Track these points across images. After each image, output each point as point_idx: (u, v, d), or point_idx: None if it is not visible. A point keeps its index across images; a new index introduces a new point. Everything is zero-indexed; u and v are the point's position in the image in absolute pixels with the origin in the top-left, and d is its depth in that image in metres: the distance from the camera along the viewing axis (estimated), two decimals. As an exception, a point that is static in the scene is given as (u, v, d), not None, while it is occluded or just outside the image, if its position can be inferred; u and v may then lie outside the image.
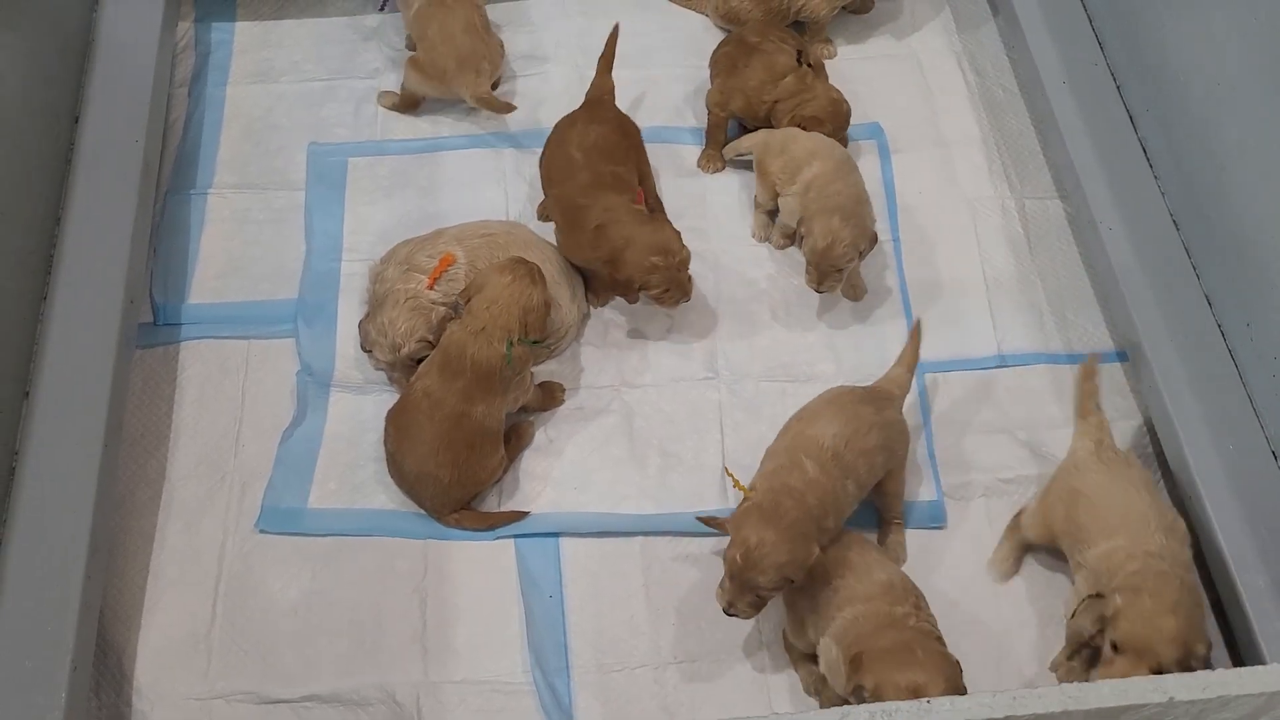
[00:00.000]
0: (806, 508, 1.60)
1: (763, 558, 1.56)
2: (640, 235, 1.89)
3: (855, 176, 2.04)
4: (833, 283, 1.97)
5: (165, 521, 1.87)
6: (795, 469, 1.65)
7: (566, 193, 1.98)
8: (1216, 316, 1.85)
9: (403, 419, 1.83)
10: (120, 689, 1.72)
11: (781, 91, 2.14)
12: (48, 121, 2.00)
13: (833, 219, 1.92)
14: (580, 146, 2.00)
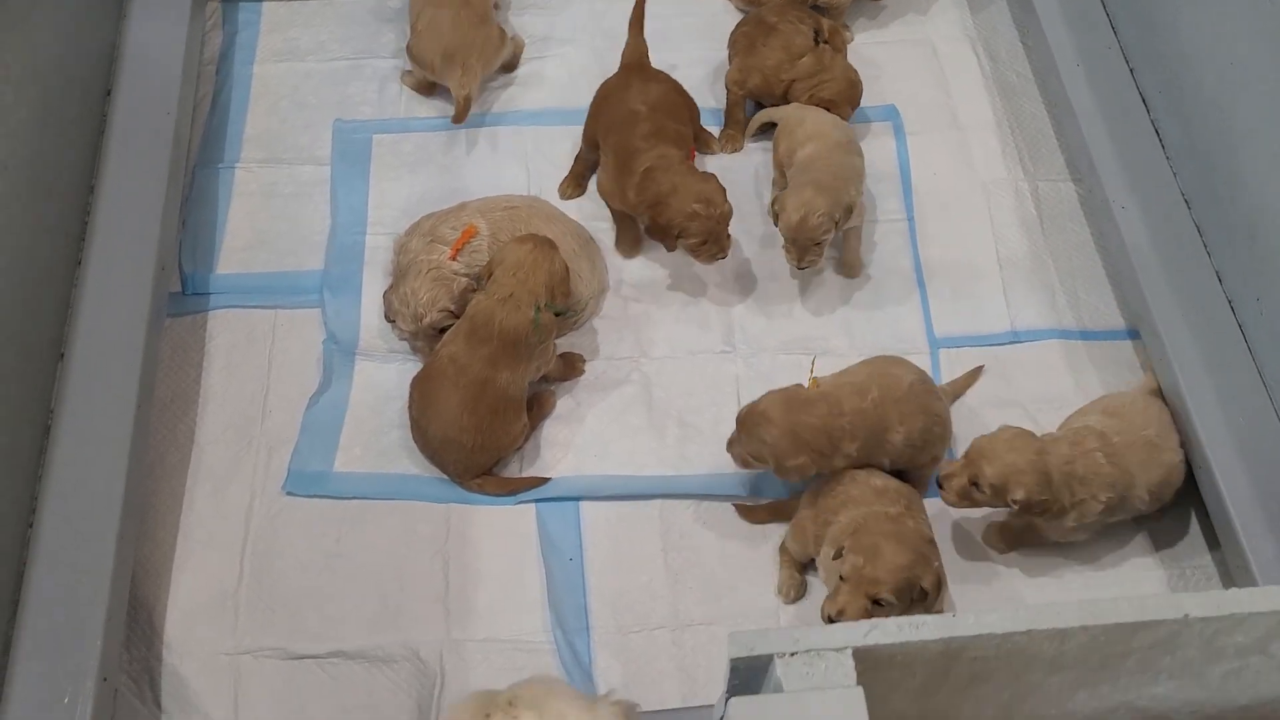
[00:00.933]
0: (835, 422, 1.70)
1: (755, 426, 1.71)
2: (686, 183, 1.95)
3: (846, 157, 2.05)
4: (813, 257, 1.98)
5: (194, 484, 1.91)
6: (858, 391, 1.75)
7: (625, 140, 2.03)
8: (1227, 293, 1.88)
9: (428, 385, 1.86)
10: (151, 644, 1.76)
11: (799, 71, 2.18)
12: (81, 94, 2.04)
13: (805, 191, 1.94)
14: (644, 101, 2.06)
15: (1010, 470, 1.65)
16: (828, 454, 1.72)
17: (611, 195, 2.07)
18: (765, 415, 1.71)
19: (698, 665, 1.76)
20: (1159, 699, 1.08)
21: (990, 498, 1.68)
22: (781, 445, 1.70)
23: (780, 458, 1.70)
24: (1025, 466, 1.65)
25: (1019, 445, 1.68)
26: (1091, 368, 2.03)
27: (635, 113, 2.05)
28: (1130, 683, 1.01)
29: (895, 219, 2.21)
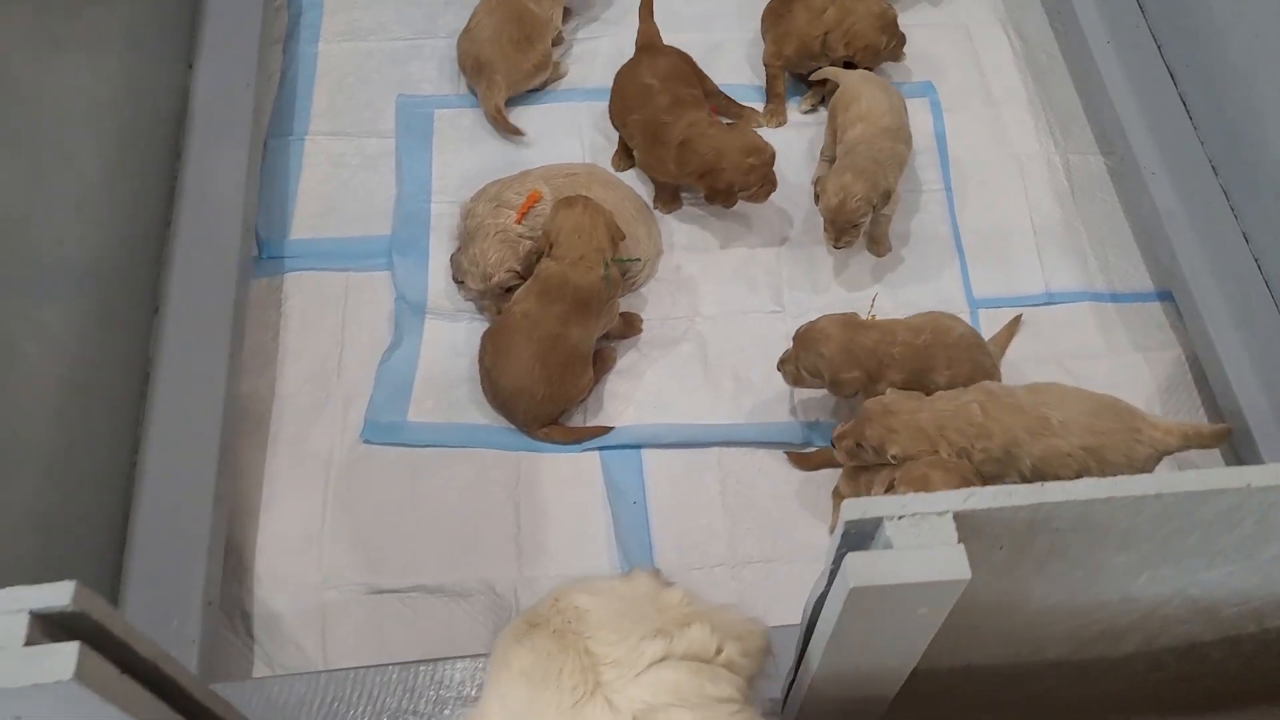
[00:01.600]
0: (886, 349, 1.84)
1: (813, 342, 1.85)
2: (729, 142, 2.07)
3: (891, 143, 2.14)
4: (850, 238, 2.08)
5: (276, 433, 2.02)
6: (911, 329, 1.87)
7: (648, 115, 2.15)
8: (1254, 252, 2.00)
9: (501, 339, 1.97)
10: (243, 579, 1.87)
11: (828, 22, 2.29)
12: (166, 67, 2.15)
13: (845, 176, 2.04)
14: (654, 75, 2.18)
15: (886, 431, 1.75)
16: (875, 377, 1.84)
17: (652, 169, 2.19)
18: (824, 331, 1.85)
19: (756, 598, 1.86)
20: (1212, 586, 1.19)
21: (873, 457, 1.77)
22: (837, 360, 1.83)
23: (835, 371, 1.83)
24: (900, 425, 1.75)
25: (913, 406, 1.77)
26: (1121, 327, 2.15)
27: (649, 87, 2.16)
28: (1189, 565, 1.12)
29: (934, 189, 2.32)
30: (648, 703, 1.03)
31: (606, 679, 1.04)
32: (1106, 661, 1.37)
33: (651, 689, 1.04)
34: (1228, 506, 1.00)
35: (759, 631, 1.14)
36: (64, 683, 0.89)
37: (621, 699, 1.03)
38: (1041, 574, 1.10)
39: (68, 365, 1.60)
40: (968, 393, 1.80)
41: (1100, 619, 1.25)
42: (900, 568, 0.93)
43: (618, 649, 1.06)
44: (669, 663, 1.05)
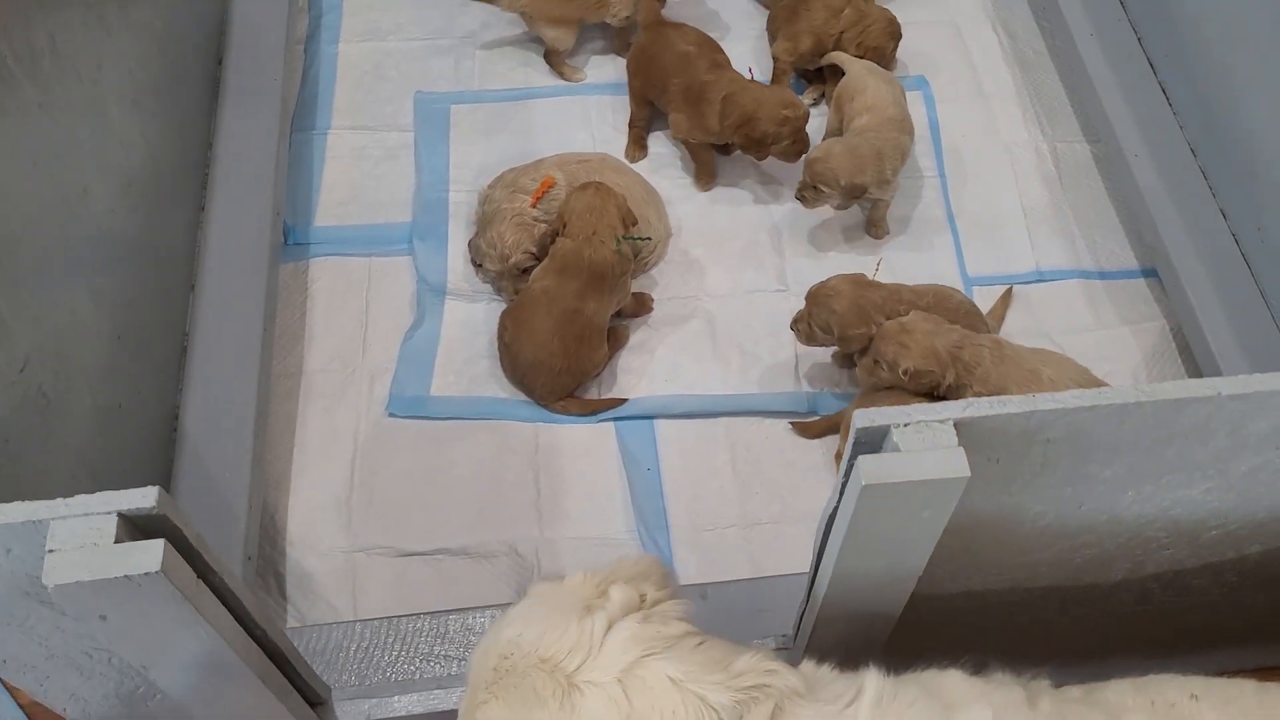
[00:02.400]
0: (894, 307, 1.96)
1: (826, 299, 1.97)
2: (768, 96, 2.21)
3: (896, 134, 2.25)
4: (808, 194, 2.19)
5: (305, 406, 2.11)
6: (915, 293, 2.00)
7: (690, 78, 2.27)
8: (1231, 228, 2.11)
9: (521, 314, 2.07)
10: (276, 541, 1.96)
11: (845, 23, 2.41)
12: (198, 61, 2.26)
13: (838, 145, 2.17)
14: (688, 43, 2.31)
15: (900, 347, 1.87)
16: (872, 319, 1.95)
17: (692, 131, 2.29)
18: (835, 289, 1.97)
19: (766, 557, 1.95)
20: (1192, 506, 1.29)
21: (888, 374, 1.89)
22: (848, 316, 1.94)
23: (844, 326, 1.94)
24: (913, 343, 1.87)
25: (929, 329, 1.89)
26: (1108, 302, 2.25)
27: (686, 54, 2.29)
28: (1171, 481, 1.22)
29: (929, 176, 2.43)
30: (622, 667, 1.07)
31: (574, 670, 1.07)
32: (1097, 591, 1.47)
33: (618, 654, 1.08)
34: (1204, 417, 1.10)
35: (650, 560, 1.22)
36: (151, 575, 0.99)
37: (598, 675, 1.06)
38: (1035, 489, 1.20)
39: (117, 330, 1.69)
40: (982, 337, 1.91)
41: (1089, 542, 1.34)
42: (907, 468, 1.03)
43: (566, 641, 1.08)
44: (616, 628, 1.10)
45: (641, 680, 1.06)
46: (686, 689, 1.05)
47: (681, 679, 1.06)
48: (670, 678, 1.06)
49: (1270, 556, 1.44)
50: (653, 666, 1.07)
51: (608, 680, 1.06)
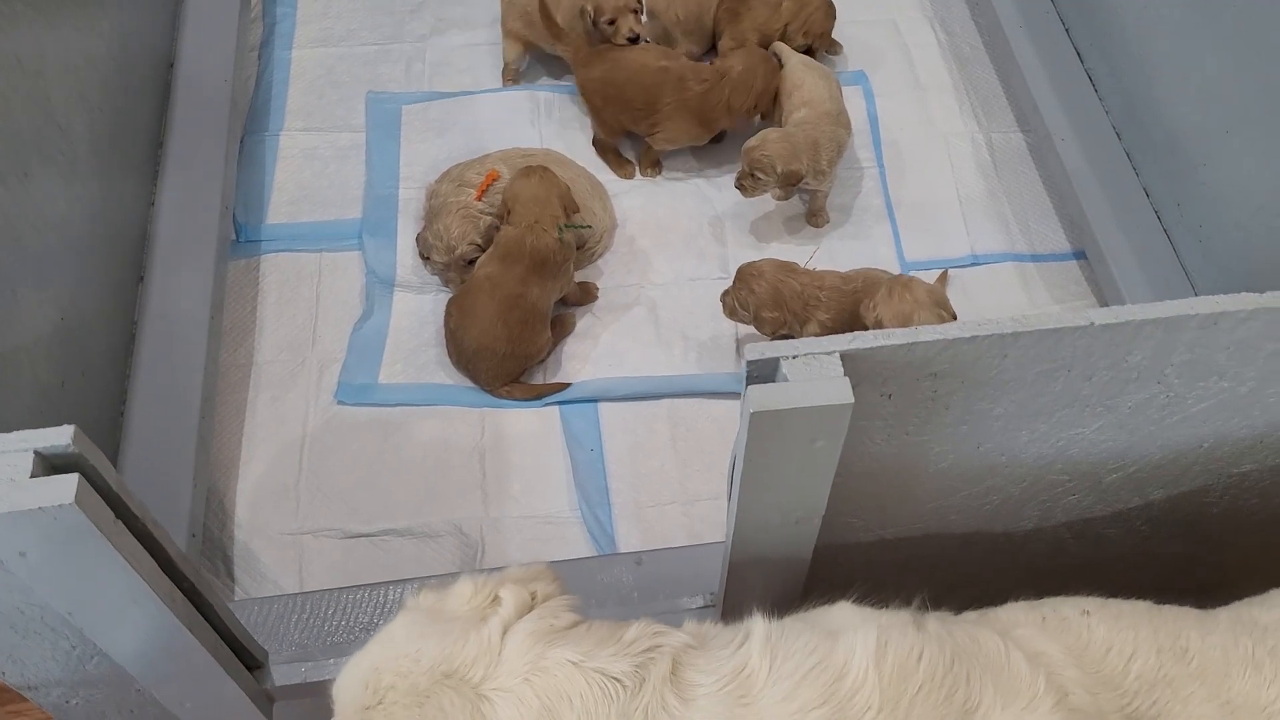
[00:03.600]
0: (814, 292, 2.05)
1: (749, 277, 2.06)
2: (748, 61, 2.38)
3: (832, 128, 2.31)
4: (747, 183, 2.24)
5: (255, 396, 2.15)
6: (843, 278, 2.10)
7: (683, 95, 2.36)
8: (1154, 205, 2.18)
9: (466, 301, 2.12)
10: (224, 526, 1.99)
11: (786, 15, 2.48)
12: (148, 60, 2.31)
13: (774, 133, 2.24)
14: (658, 58, 2.40)
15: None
16: (801, 318, 2.02)
17: (688, 138, 2.39)
18: (759, 269, 2.04)
19: (706, 530, 2.00)
20: (1088, 446, 1.34)
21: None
22: (764, 298, 2.01)
23: (758, 307, 2.02)
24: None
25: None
26: (1041, 284, 2.31)
27: (665, 69, 2.35)
28: (1061, 418, 1.27)
29: (869, 167, 2.50)
30: (528, 664, 1.08)
31: (480, 680, 1.07)
32: (1012, 541, 1.51)
33: (520, 656, 1.09)
34: (1083, 348, 1.16)
35: (539, 568, 1.23)
36: (66, 507, 1.03)
37: (505, 680, 1.07)
38: (932, 428, 1.25)
39: (61, 312, 1.73)
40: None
41: (995, 487, 1.39)
42: (793, 396, 1.08)
43: (467, 653, 1.08)
44: (512, 631, 1.11)
45: (545, 672, 1.08)
46: (586, 668, 1.08)
47: (581, 660, 1.08)
48: (571, 661, 1.08)
49: (1175, 504, 1.48)
50: (552, 656, 1.09)
51: (515, 684, 1.07)
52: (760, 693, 1.08)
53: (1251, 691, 1.12)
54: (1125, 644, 1.14)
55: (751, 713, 1.07)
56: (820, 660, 1.09)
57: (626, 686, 1.08)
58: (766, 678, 1.09)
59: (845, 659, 1.09)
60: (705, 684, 1.09)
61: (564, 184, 2.14)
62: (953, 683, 1.08)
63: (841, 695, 1.07)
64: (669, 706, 1.07)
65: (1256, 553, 1.66)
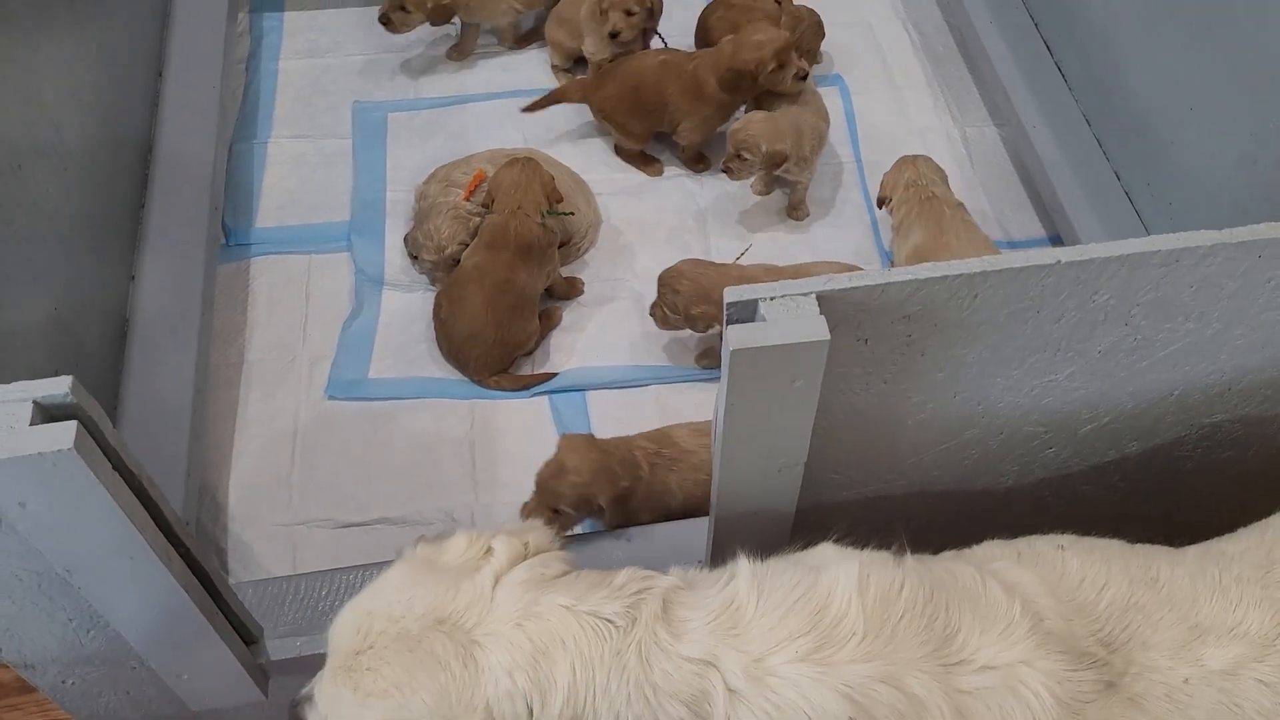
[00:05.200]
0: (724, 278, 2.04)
1: (671, 279, 2.08)
2: (743, 35, 2.35)
3: (813, 119, 2.37)
4: (735, 166, 2.27)
5: (246, 393, 2.18)
6: (770, 271, 2.14)
7: (681, 77, 2.39)
8: (1125, 186, 2.23)
9: (455, 290, 2.16)
10: (217, 519, 2.01)
11: None
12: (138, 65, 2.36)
13: (759, 114, 2.29)
14: (660, 54, 2.48)
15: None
16: None
17: (702, 127, 2.42)
18: (678, 270, 2.06)
19: (699, 512, 2.02)
20: (1062, 395, 1.37)
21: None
22: (690, 296, 2.03)
23: (687, 306, 2.03)
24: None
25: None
26: (1020, 269, 2.36)
27: (666, 61, 2.40)
28: (1034, 364, 1.31)
29: (847, 162, 2.56)
30: (519, 610, 1.11)
31: (473, 627, 1.10)
32: (992, 498, 1.54)
33: (511, 603, 1.12)
34: (1050, 287, 1.19)
35: (533, 521, 1.29)
36: (65, 453, 1.05)
37: (497, 625, 1.10)
38: (908, 375, 1.28)
39: (54, 302, 1.76)
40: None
41: (973, 440, 1.42)
42: (771, 334, 1.11)
43: (460, 600, 1.11)
44: (504, 580, 1.14)
45: (537, 617, 1.11)
46: (579, 611, 1.11)
47: (573, 604, 1.12)
48: (563, 605, 1.12)
49: (1150, 457, 1.52)
50: (544, 601, 1.12)
51: (507, 629, 1.10)
52: (749, 624, 1.11)
53: (1219, 614, 1.15)
54: (1098, 575, 1.18)
55: (741, 642, 1.10)
56: (805, 592, 1.12)
57: (619, 626, 1.11)
58: (754, 610, 1.12)
59: (829, 590, 1.12)
60: (695, 619, 1.12)
61: (547, 172, 2.19)
62: (933, 611, 1.12)
63: (827, 624, 1.10)
64: (661, 641, 1.11)
65: (1235, 514, 1.69)
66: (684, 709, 1.08)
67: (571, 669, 1.08)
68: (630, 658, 1.09)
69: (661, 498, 1.86)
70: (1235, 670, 1.12)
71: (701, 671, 1.09)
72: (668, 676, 1.09)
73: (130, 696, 1.59)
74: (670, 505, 1.86)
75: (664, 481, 1.85)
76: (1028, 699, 1.08)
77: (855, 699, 1.06)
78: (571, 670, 1.08)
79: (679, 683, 1.09)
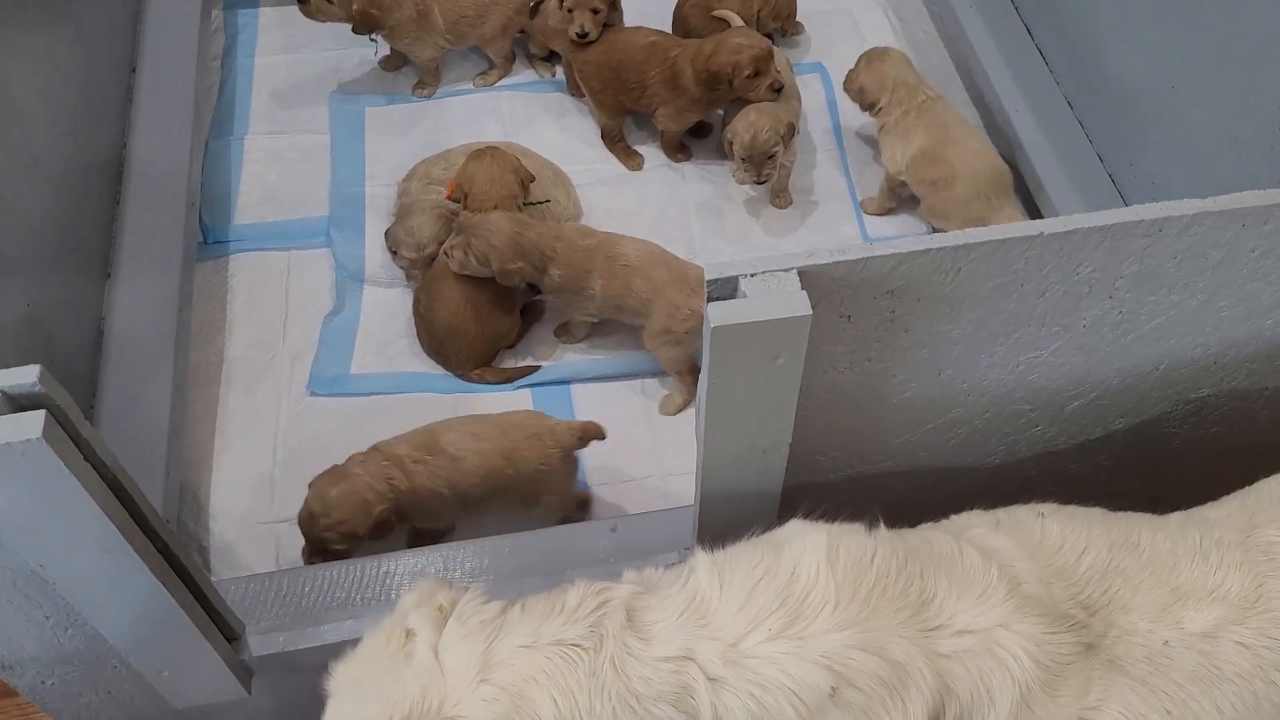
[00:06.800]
0: (546, 243, 2.09)
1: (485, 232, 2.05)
2: (726, 35, 2.35)
3: (785, 101, 2.36)
4: (769, 170, 2.26)
5: (227, 391, 2.16)
6: (583, 232, 2.17)
7: (663, 63, 2.37)
8: (1108, 168, 2.22)
9: (434, 286, 2.14)
10: (199, 517, 1.99)
11: (757, 2, 2.55)
12: (111, 62, 2.33)
13: (750, 115, 2.26)
14: (650, 34, 2.44)
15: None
16: (540, 269, 2.05)
17: (679, 116, 2.40)
18: (496, 223, 2.03)
19: (684, 501, 2.00)
20: (1047, 371, 1.36)
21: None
22: (505, 251, 2.02)
23: (502, 261, 2.02)
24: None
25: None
26: (1004, 253, 2.35)
27: (654, 43, 2.38)
28: (1019, 339, 1.30)
29: (829, 149, 2.54)
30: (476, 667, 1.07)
31: (439, 707, 1.06)
32: (980, 476, 1.53)
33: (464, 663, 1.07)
34: (1034, 259, 1.18)
35: (420, 584, 1.20)
36: (33, 443, 1.03)
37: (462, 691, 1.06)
38: (892, 353, 1.27)
39: (27, 299, 1.74)
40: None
41: (959, 419, 1.41)
42: (752, 310, 1.10)
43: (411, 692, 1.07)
44: (441, 646, 1.09)
45: (500, 665, 1.07)
46: (541, 646, 1.08)
47: (532, 641, 1.09)
48: (523, 645, 1.08)
49: (1136, 434, 1.51)
50: (500, 647, 1.08)
51: (473, 689, 1.06)
52: (716, 612, 1.10)
53: (1199, 577, 1.15)
54: (1078, 540, 1.17)
55: (711, 631, 1.09)
56: (768, 569, 1.11)
57: (586, 648, 1.08)
58: (719, 597, 1.10)
59: (794, 564, 1.11)
60: (662, 619, 1.10)
61: (514, 158, 2.16)
62: (907, 578, 1.11)
63: (796, 596, 1.09)
64: (632, 650, 1.09)
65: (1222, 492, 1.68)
66: (670, 709, 1.07)
67: (553, 702, 1.05)
68: (606, 675, 1.07)
69: (434, 501, 1.84)
70: (1215, 633, 1.12)
71: (679, 668, 1.07)
72: (647, 682, 1.07)
73: (111, 696, 1.57)
74: (450, 503, 1.84)
75: (430, 486, 1.83)
76: (1006, 661, 1.07)
77: (834, 669, 1.04)
78: (554, 703, 1.05)
79: (659, 685, 1.07)
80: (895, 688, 1.05)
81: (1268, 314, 1.34)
